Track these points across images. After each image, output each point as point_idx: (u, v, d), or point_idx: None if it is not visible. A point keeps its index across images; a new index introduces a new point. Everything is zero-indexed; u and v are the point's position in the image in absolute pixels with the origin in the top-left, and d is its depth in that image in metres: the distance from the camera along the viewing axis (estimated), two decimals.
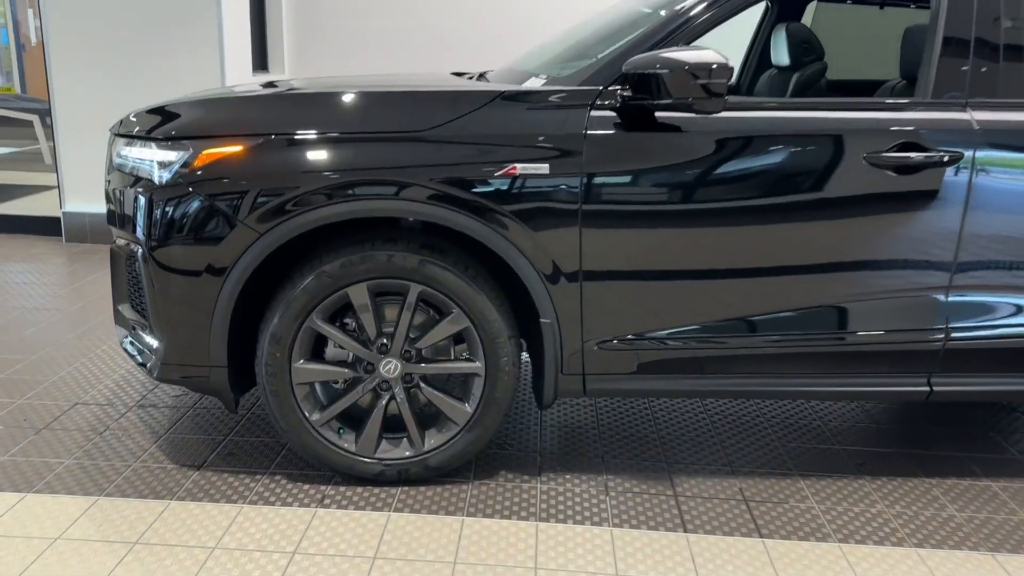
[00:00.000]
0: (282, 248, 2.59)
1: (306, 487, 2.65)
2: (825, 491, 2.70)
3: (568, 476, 2.75)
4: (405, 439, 2.65)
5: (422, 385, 2.61)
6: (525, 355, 2.85)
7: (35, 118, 8.77)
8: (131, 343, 2.82)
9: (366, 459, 2.63)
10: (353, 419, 2.69)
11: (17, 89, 8.80)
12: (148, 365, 2.68)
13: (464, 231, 2.41)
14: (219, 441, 2.94)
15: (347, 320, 2.65)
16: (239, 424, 3.08)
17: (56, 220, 5.91)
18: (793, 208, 2.45)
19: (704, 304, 2.52)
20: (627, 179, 2.42)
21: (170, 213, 2.45)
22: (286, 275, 2.56)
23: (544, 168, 2.38)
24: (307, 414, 2.58)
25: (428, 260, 2.46)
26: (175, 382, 2.62)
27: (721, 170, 2.42)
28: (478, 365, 2.56)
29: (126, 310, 2.83)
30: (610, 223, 2.43)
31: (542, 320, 2.51)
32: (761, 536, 2.44)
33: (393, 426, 2.68)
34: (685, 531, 2.45)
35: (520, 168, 2.38)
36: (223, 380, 2.57)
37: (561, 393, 2.63)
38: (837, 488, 2.72)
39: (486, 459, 2.84)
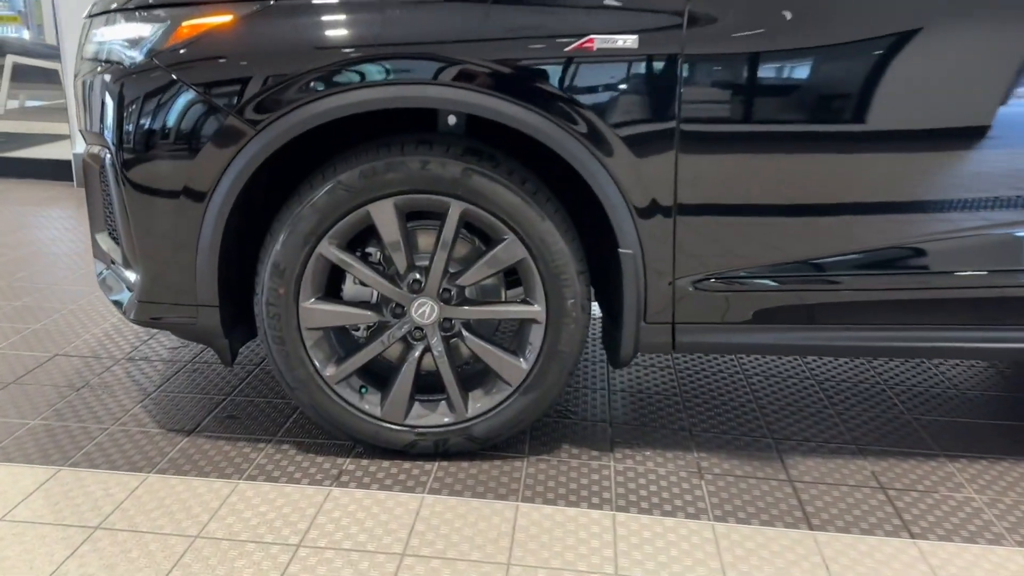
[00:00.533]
0: (289, 160, 2.03)
1: (319, 460, 2.11)
2: (983, 477, 2.09)
3: (648, 453, 2.17)
4: (443, 402, 2.09)
5: (465, 334, 2.04)
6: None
7: (60, 66, 8.40)
8: (107, 279, 2.29)
9: (394, 426, 2.08)
10: (378, 376, 2.14)
11: (36, 34, 8.40)
12: (124, 305, 2.15)
13: (519, 127, 1.82)
14: (217, 402, 2.42)
15: (370, 249, 2.08)
16: (244, 382, 2.55)
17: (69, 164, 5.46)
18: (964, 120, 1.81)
19: (837, 236, 1.90)
20: (746, 66, 1.79)
21: (143, 106, 1.90)
22: (292, 190, 2.00)
23: (631, 41, 1.77)
24: (320, 368, 2.03)
25: (474, 169, 1.88)
26: (156, 325, 2.09)
27: (896, 64, 1.78)
28: (537, 309, 1.98)
29: (103, 240, 2.30)
30: (716, 122, 1.81)
31: (622, 251, 1.92)
32: (912, 536, 1.83)
33: (428, 386, 2.13)
34: (811, 528, 1.86)
35: (599, 42, 1.77)
36: (214, 323, 2.03)
37: (643, 347, 2.04)
38: (998, 474, 2.10)
39: (544, 429, 2.28)
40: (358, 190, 1.89)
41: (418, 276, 1.99)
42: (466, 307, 2.02)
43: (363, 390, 2.08)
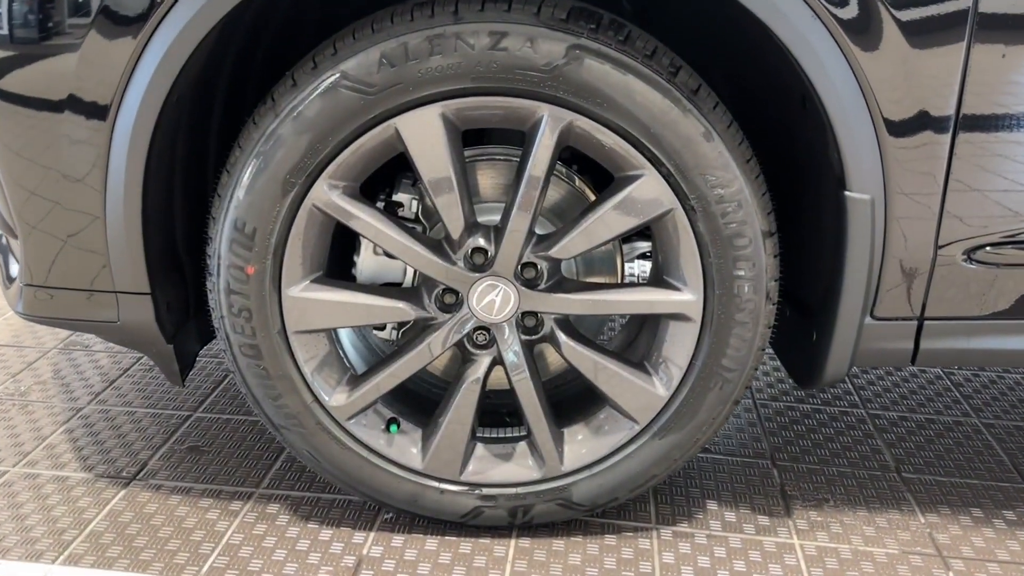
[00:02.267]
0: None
1: (324, 535, 1.32)
2: None
3: (851, 520, 1.35)
4: (523, 443, 1.28)
5: (560, 337, 1.21)
6: None
7: None
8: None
9: (445, 484, 1.28)
10: (418, 404, 1.34)
11: None
12: (7, 293, 1.35)
13: None
14: (175, 424, 1.62)
15: (400, 197, 1.26)
16: (218, 388, 1.76)
17: None
18: None
19: None
20: None
21: None
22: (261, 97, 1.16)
23: None
24: (320, 394, 1.22)
25: (588, 47, 1.02)
26: (55, 323, 1.29)
27: None
28: (688, 298, 1.15)
29: None
30: None
31: (850, 195, 1.07)
32: None
33: (496, 415, 1.33)
34: None
35: None
36: (145, 321, 1.22)
37: (862, 358, 1.20)
38: None
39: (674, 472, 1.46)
40: (378, 89, 1.04)
41: (483, 243, 1.15)
42: (563, 294, 1.18)
43: (392, 427, 1.27)
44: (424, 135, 1.07)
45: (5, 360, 1.88)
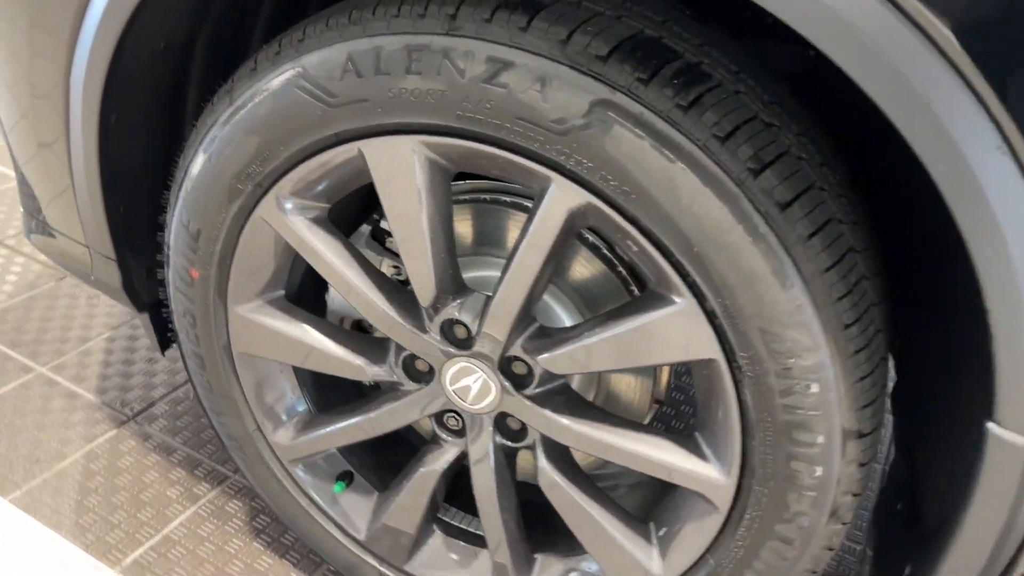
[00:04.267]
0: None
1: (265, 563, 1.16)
2: None
3: None
4: (488, 554, 1.02)
5: (541, 461, 0.91)
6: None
7: None
8: None
9: (385, 567, 1.06)
10: (391, 461, 1.10)
11: None
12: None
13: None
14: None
15: (387, 224, 0.98)
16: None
17: None
18: None
19: None
20: None
21: None
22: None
23: None
24: (263, 426, 1.03)
25: (621, 105, 0.67)
26: (52, 259, 1.19)
27: None
28: (715, 478, 0.80)
29: None
30: None
31: (997, 431, 0.65)
32: None
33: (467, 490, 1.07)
34: None
35: None
36: (115, 284, 1.08)
37: None
38: None
39: None
40: (340, 102, 0.76)
41: (463, 316, 0.86)
42: (551, 411, 0.87)
43: (339, 486, 1.06)
44: (392, 170, 0.79)
45: None
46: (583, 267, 0.93)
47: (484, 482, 0.93)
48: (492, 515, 0.95)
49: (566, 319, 0.95)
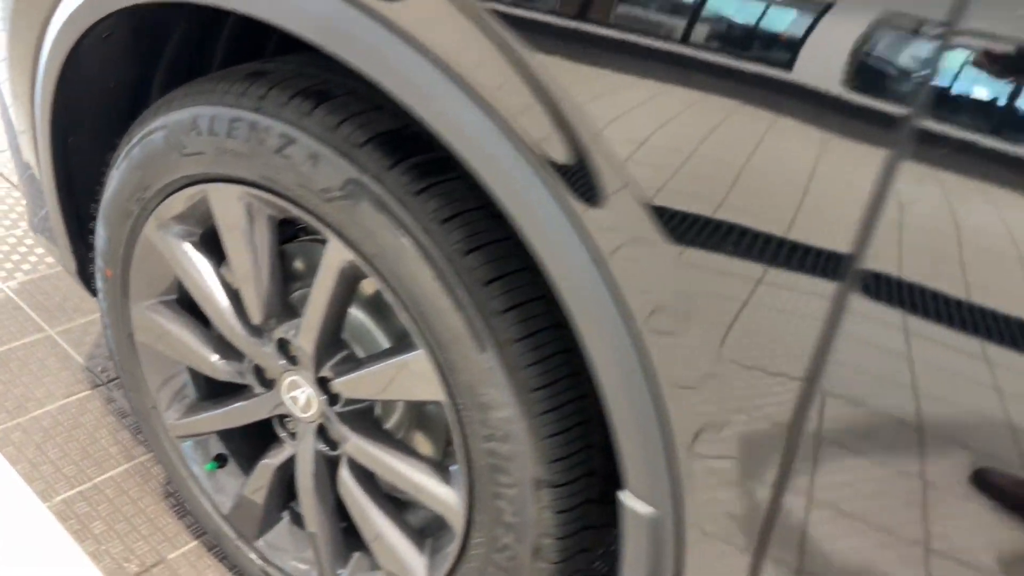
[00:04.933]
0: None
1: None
2: None
3: None
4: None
5: (342, 471, 1.07)
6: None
7: None
8: None
9: (240, 541, 1.24)
10: (255, 452, 1.29)
11: None
12: None
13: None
14: None
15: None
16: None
17: None
18: None
19: None
20: None
21: None
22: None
23: None
24: (158, 405, 1.24)
25: (366, 185, 0.82)
26: (45, 249, 1.45)
27: None
28: (450, 501, 0.94)
29: None
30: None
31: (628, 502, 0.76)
32: None
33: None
34: None
35: None
36: (71, 269, 1.32)
37: None
38: None
39: None
40: (189, 152, 0.96)
41: (289, 336, 1.03)
42: (348, 427, 1.02)
43: (210, 465, 1.25)
44: (226, 210, 0.97)
45: None
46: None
47: (305, 482, 1.10)
48: (312, 511, 1.11)
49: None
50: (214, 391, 1.24)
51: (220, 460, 1.25)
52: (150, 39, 1.14)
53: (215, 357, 1.12)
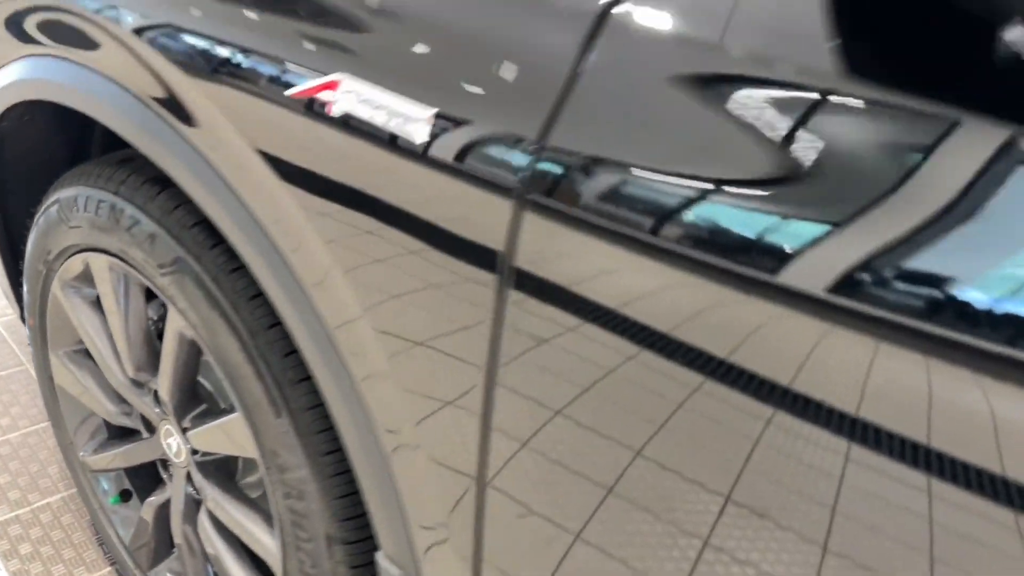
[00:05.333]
0: None
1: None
2: None
3: None
4: None
5: (201, 515, 1.17)
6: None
7: None
8: None
9: (139, 573, 1.35)
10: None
11: None
12: None
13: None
14: None
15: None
16: None
17: None
18: None
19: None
20: None
21: None
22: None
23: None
24: (76, 441, 1.37)
25: (187, 264, 0.94)
26: None
27: None
28: (270, 547, 1.02)
29: None
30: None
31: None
32: None
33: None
34: None
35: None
36: (15, 310, 1.48)
37: None
38: None
39: None
40: (73, 225, 1.09)
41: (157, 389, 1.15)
42: (204, 477, 1.13)
43: (114, 499, 1.37)
44: (100, 276, 1.11)
45: None
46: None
47: (176, 520, 1.21)
48: (184, 548, 1.22)
49: None
50: (121, 432, 1.37)
51: (124, 495, 1.37)
52: (81, 116, 1.29)
53: (110, 405, 1.25)
